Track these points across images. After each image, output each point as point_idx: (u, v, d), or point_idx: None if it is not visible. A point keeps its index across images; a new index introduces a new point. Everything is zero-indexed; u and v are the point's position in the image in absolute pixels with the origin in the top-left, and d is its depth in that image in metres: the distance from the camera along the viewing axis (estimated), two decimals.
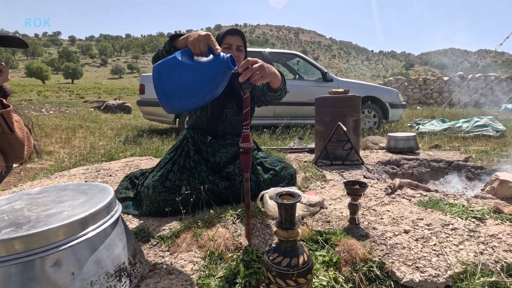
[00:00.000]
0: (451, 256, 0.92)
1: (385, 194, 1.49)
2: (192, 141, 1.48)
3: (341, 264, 0.94)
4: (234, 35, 1.45)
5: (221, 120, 1.50)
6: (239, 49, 1.46)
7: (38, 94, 20.41)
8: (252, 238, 1.09)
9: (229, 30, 1.46)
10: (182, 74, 0.89)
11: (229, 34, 1.44)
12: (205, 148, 1.47)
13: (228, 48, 1.44)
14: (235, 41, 1.44)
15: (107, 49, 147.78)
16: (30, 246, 0.66)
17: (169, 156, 1.46)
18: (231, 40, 1.43)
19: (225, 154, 1.47)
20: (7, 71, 1.00)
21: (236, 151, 1.49)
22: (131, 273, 0.84)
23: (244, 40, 1.48)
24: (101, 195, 0.87)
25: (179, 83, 0.90)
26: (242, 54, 1.47)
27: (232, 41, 1.44)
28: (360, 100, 2.32)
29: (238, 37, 1.45)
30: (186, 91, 0.90)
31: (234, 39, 1.44)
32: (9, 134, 0.98)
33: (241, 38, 1.46)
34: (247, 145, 0.98)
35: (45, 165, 2.73)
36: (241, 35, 1.46)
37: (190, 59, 0.92)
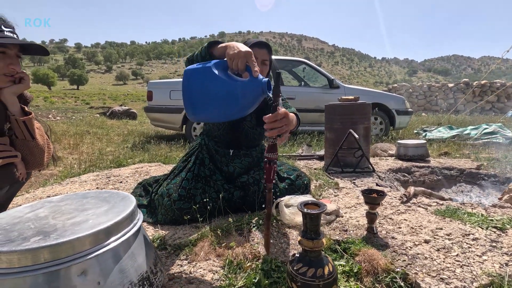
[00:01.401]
0: (475, 267, 0.90)
1: (400, 203, 1.47)
2: (206, 149, 1.47)
3: (362, 274, 0.92)
4: (262, 48, 1.39)
5: (239, 131, 1.46)
6: (264, 63, 1.41)
7: (44, 100, 20.66)
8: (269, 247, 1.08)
9: (257, 42, 1.40)
10: (214, 87, 0.85)
11: (256, 47, 1.38)
12: (219, 158, 1.46)
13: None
14: (262, 55, 1.39)
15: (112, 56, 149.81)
16: (57, 255, 0.66)
17: (183, 164, 1.46)
18: (257, 54, 1.37)
19: (239, 165, 1.46)
20: (28, 79, 1.02)
21: (250, 162, 1.48)
22: (153, 282, 0.84)
23: (271, 53, 1.44)
24: (123, 203, 0.87)
25: (209, 95, 0.86)
26: (267, 67, 1.43)
27: (259, 55, 1.38)
28: (370, 107, 2.32)
29: (265, 50, 1.40)
30: (214, 105, 0.86)
31: (261, 53, 1.39)
32: (30, 141, 0.99)
33: (267, 52, 1.41)
34: (273, 155, 0.94)
35: (54, 171, 2.75)
36: (268, 48, 1.41)
37: (225, 73, 0.87)
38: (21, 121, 0.97)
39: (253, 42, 1.39)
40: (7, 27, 0.92)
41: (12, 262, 0.62)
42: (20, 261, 0.62)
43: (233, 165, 1.45)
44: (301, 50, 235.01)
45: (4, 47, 0.92)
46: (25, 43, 0.96)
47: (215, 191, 1.35)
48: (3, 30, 0.91)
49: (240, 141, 1.47)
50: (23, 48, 0.98)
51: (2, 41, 0.89)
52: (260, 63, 1.39)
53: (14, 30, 0.95)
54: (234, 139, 1.46)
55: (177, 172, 1.44)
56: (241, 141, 1.47)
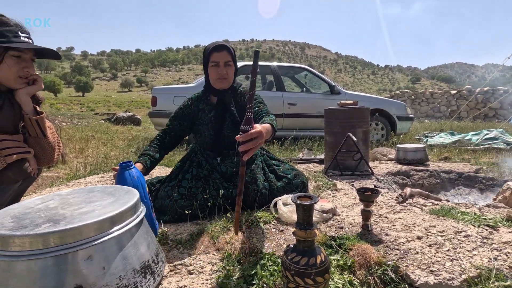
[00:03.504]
0: (465, 261, 0.93)
1: (396, 203, 1.51)
2: (200, 153, 1.56)
3: (355, 267, 0.96)
4: (221, 51, 1.39)
5: (221, 136, 1.51)
6: (228, 64, 1.41)
7: (50, 107, 20.99)
8: (266, 243, 1.12)
9: (215, 46, 1.39)
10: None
11: (215, 51, 1.39)
12: (211, 160, 1.53)
13: (216, 65, 1.40)
14: (223, 58, 1.39)
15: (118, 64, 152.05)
16: (65, 240, 0.70)
17: (179, 169, 1.54)
18: (218, 57, 1.39)
19: (230, 164, 1.52)
20: (41, 81, 1.09)
21: (239, 161, 1.53)
22: (155, 271, 0.88)
23: (232, 54, 1.42)
24: (127, 196, 0.92)
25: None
26: (231, 68, 1.44)
27: (219, 58, 1.39)
28: (369, 111, 2.37)
29: (224, 52, 1.39)
30: None
31: (221, 56, 1.39)
32: (42, 138, 1.05)
33: (228, 53, 1.40)
34: (248, 127, 0.97)
35: (60, 174, 2.81)
36: (227, 50, 1.40)
37: None
38: (34, 120, 1.04)
39: (211, 47, 1.39)
40: (23, 33, 1.00)
41: (24, 245, 0.67)
42: (32, 245, 0.67)
43: (225, 165, 1.52)
44: (304, 58, 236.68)
45: (20, 51, 0.99)
46: (39, 47, 1.04)
47: (215, 189, 1.40)
48: (19, 36, 0.98)
49: (224, 145, 1.53)
50: (37, 52, 1.06)
51: (19, 45, 0.96)
52: (223, 66, 1.40)
53: (29, 36, 1.02)
54: (218, 144, 1.52)
55: (174, 176, 1.51)
56: (225, 145, 1.53)
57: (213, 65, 1.41)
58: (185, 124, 1.56)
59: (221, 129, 1.50)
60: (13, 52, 1.00)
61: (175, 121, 1.56)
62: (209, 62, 1.41)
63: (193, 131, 1.60)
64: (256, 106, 1.46)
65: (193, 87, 4.47)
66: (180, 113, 1.56)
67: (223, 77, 1.43)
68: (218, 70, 1.41)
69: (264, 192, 1.45)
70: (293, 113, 4.55)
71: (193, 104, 1.56)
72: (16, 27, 1.01)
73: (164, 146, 1.53)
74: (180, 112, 1.57)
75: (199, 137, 1.56)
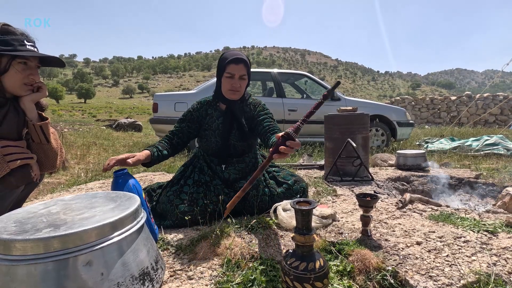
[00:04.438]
0: (464, 267, 0.93)
1: (396, 208, 1.51)
2: (203, 159, 1.56)
3: (355, 273, 0.96)
4: (238, 64, 1.38)
5: (228, 147, 1.51)
6: (242, 78, 1.41)
7: (52, 113, 21.11)
8: (266, 248, 1.13)
9: (233, 59, 1.38)
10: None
11: (233, 63, 1.38)
12: (213, 166, 1.54)
13: (231, 77, 1.40)
14: (239, 71, 1.39)
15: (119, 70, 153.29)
16: (66, 245, 0.71)
17: (181, 174, 1.55)
18: (234, 70, 1.39)
19: (233, 171, 1.52)
20: (45, 88, 1.11)
21: (244, 167, 1.55)
22: (154, 277, 0.88)
23: (248, 68, 1.43)
24: (128, 202, 0.93)
25: None
26: (245, 82, 1.44)
27: (236, 71, 1.39)
28: (368, 117, 2.38)
29: (242, 65, 1.39)
30: None
31: (238, 69, 1.39)
32: (45, 144, 1.07)
33: (245, 66, 1.40)
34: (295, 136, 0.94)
35: (61, 180, 2.83)
36: (245, 63, 1.40)
37: None
38: (38, 126, 1.05)
39: (230, 58, 1.38)
40: (29, 42, 1.03)
41: (25, 250, 0.68)
42: (33, 249, 0.68)
43: (228, 172, 1.52)
44: (305, 64, 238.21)
45: (26, 59, 1.02)
46: (44, 55, 1.06)
47: (216, 195, 1.40)
48: (25, 44, 1.01)
49: (229, 153, 1.53)
50: (42, 60, 1.08)
51: (25, 54, 0.99)
52: (238, 79, 1.41)
53: (35, 44, 1.05)
54: (223, 152, 1.52)
55: (176, 181, 1.51)
56: (230, 153, 1.53)
57: (228, 76, 1.40)
58: (193, 126, 1.55)
59: (228, 138, 1.49)
60: (19, 60, 1.02)
61: (183, 123, 1.55)
62: (225, 72, 1.40)
63: (199, 135, 1.60)
64: (267, 120, 1.44)
65: (194, 93, 4.51)
66: (189, 116, 1.55)
67: (236, 90, 1.43)
68: (232, 82, 1.41)
69: (264, 198, 1.46)
70: (293, 119, 4.57)
71: (202, 108, 1.56)
72: (22, 36, 1.04)
73: (172, 146, 1.52)
74: (189, 114, 1.56)
75: (205, 142, 1.56)
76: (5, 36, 1.00)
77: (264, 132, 1.39)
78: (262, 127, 1.41)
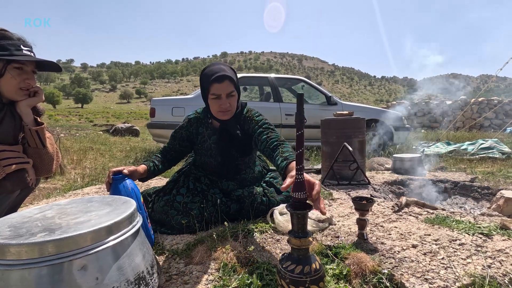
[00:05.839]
0: (459, 269, 0.94)
1: (392, 212, 1.52)
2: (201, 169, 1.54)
3: (351, 276, 0.96)
4: (222, 82, 1.24)
5: (227, 164, 1.49)
6: (231, 94, 1.29)
7: (49, 118, 21.02)
8: (263, 252, 1.13)
9: (215, 78, 1.23)
10: None
11: (216, 82, 1.24)
12: (210, 176, 1.52)
13: (217, 98, 1.28)
14: (224, 89, 1.26)
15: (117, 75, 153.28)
16: (61, 250, 0.71)
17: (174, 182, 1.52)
18: (219, 89, 1.26)
19: (232, 183, 1.51)
20: (42, 93, 1.11)
21: (243, 180, 1.54)
22: (149, 282, 0.88)
23: (235, 81, 1.29)
24: (124, 206, 0.93)
25: None
26: (234, 98, 1.32)
27: (221, 90, 1.26)
28: (364, 121, 2.40)
29: (227, 82, 1.25)
30: None
31: (222, 87, 1.25)
32: (41, 149, 1.07)
33: (230, 82, 1.26)
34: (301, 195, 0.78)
35: (57, 185, 2.81)
36: (230, 79, 1.26)
37: None
38: (34, 130, 1.05)
39: (212, 77, 1.24)
40: (25, 46, 1.03)
41: (20, 254, 0.67)
42: (27, 254, 0.68)
43: (227, 183, 1.51)
44: (302, 69, 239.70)
45: (22, 63, 1.02)
46: (40, 60, 1.07)
47: (213, 204, 1.38)
48: (21, 49, 1.02)
49: (229, 172, 1.51)
50: (38, 65, 1.09)
51: (20, 58, 1.00)
52: (225, 98, 1.28)
53: (31, 49, 1.06)
54: (223, 171, 1.51)
55: (168, 191, 1.47)
56: (230, 171, 1.51)
57: (214, 98, 1.28)
58: (185, 144, 1.52)
59: (228, 157, 1.46)
60: (15, 65, 1.03)
61: (174, 141, 1.52)
62: (209, 94, 1.28)
63: (194, 151, 1.57)
64: (264, 133, 1.31)
65: (192, 98, 4.52)
66: (179, 135, 1.51)
67: (226, 110, 1.31)
68: (220, 103, 1.29)
69: (262, 208, 1.45)
70: (290, 123, 4.59)
71: (191, 126, 1.49)
72: (18, 41, 1.04)
73: (167, 160, 1.50)
74: (178, 134, 1.51)
75: (199, 160, 1.53)
76: (1, 41, 1.00)
77: (264, 148, 1.27)
78: (261, 143, 1.30)
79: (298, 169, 0.80)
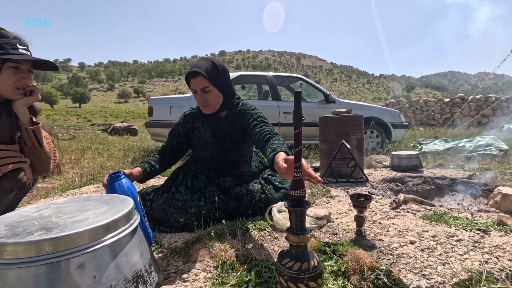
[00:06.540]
0: (456, 265, 0.94)
1: (390, 209, 1.52)
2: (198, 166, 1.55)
3: (349, 273, 0.96)
4: (195, 77, 1.30)
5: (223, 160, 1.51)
6: (205, 90, 1.32)
7: (46, 118, 20.92)
8: (261, 250, 1.13)
9: (188, 73, 1.31)
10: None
11: (191, 77, 1.32)
12: (207, 173, 1.52)
13: (195, 93, 1.35)
14: (198, 85, 1.31)
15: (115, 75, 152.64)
16: (58, 248, 0.71)
17: (172, 180, 1.52)
18: (194, 85, 1.32)
19: (229, 178, 1.52)
20: (38, 92, 1.10)
21: (240, 176, 1.54)
22: (147, 280, 0.88)
23: (209, 76, 1.30)
24: (122, 205, 0.93)
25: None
26: (212, 93, 1.34)
27: (195, 86, 1.32)
28: (362, 119, 2.40)
29: (200, 78, 1.29)
30: None
31: (196, 83, 1.31)
32: (38, 148, 1.06)
33: (203, 78, 1.29)
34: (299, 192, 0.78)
35: (55, 185, 2.80)
36: (202, 75, 1.29)
37: None
38: (30, 130, 1.05)
39: (187, 73, 1.32)
40: (22, 45, 1.03)
41: (17, 253, 0.67)
42: (24, 252, 0.67)
43: (224, 179, 1.51)
44: (300, 68, 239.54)
45: (18, 62, 1.01)
46: (36, 59, 1.06)
47: (211, 202, 1.38)
48: (17, 48, 1.01)
49: (226, 165, 1.53)
50: (35, 64, 1.08)
51: (16, 57, 0.99)
52: (201, 93, 1.33)
53: (28, 48, 1.05)
54: (219, 165, 1.52)
55: (167, 189, 1.47)
56: (227, 165, 1.53)
57: (194, 92, 1.36)
58: (182, 141, 1.54)
59: (223, 151, 1.47)
60: (10, 64, 1.02)
61: (172, 139, 1.54)
62: (191, 89, 1.36)
63: (191, 147, 1.58)
64: (258, 126, 1.36)
65: (189, 97, 4.51)
66: (176, 132, 1.54)
67: (204, 104, 1.38)
68: (197, 97, 1.36)
69: (261, 205, 1.45)
70: (288, 122, 4.59)
71: (188, 122, 1.53)
72: (15, 39, 1.04)
73: (165, 160, 1.51)
74: (175, 131, 1.54)
75: (197, 155, 1.54)
76: None
77: (258, 141, 1.31)
78: (255, 135, 1.34)
79: (296, 167, 0.80)
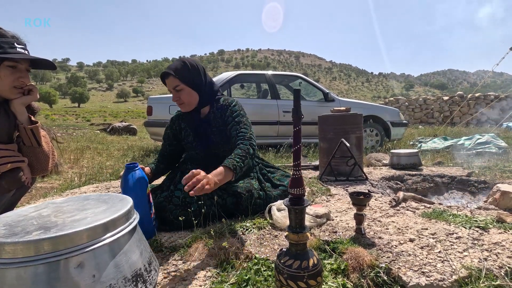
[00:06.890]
0: (455, 262, 0.94)
1: (389, 207, 1.52)
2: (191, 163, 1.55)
3: (349, 271, 0.96)
4: (167, 78, 1.37)
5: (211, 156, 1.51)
6: (177, 89, 1.37)
7: (45, 118, 20.87)
8: (261, 248, 1.12)
9: (161, 75, 1.39)
10: None
11: (164, 78, 1.39)
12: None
13: (171, 92, 1.41)
14: (170, 84, 1.37)
15: (114, 74, 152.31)
16: (57, 248, 0.70)
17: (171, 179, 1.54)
18: (168, 85, 1.39)
19: None
20: (37, 91, 1.10)
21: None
22: (147, 279, 0.88)
23: (180, 76, 1.35)
24: (121, 204, 0.92)
25: None
26: (184, 92, 1.38)
27: (168, 85, 1.39)
28: (361, 117, 2.40)
29: (171, 78, 1.35)
30: None
31: (168, 83, 1.38)
32: (36, 147, 1.06)
33: (174, 78, 1.34)
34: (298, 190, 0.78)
35: (54, 185, 2.79)
36: (172, 75, 1.34)
37: None
38: (28, 129, 1.04)
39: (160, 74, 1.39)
40: (19, 44, 1.02)
41: (15, 252, 0.67)
42: (23, 252, 0.67)
43: None
44: (299, 66, 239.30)
45: (15, 61, 1.01)
46: (34, 58, 1.05)
47: (209, 198, 1.39)
48: (15, 47, 1.00)
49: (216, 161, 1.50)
50: (33, 63, 1.07)
51: (14, 56, 0.98)
52: (174, 92, 1.39)
53: (25, 47, 1.04)
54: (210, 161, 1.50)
55: (166, 187, 1.49)
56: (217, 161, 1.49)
57: (170, 92, 1.42)
58: (174, 143, 1.59)
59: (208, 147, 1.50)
60: (8, 63, 1.01)
61: (165, 143, 1.60)
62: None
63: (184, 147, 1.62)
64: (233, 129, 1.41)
65: None
66: (166, 136, 1.59)
67: (179, 102, 1.42)
68: (172, 96, 1.41)
69: (259, 202, 1.45)
70: (288, 120, 4.59)
71: (174, 124, 1.58)
72: (12, 38, 1.03)
73: (166, 161, 1.57)
74: (166, 135, 1.60)
75: (188, 155, 1.58)
76: None
77: (233, 143, 1.38)
78: (232, 137, 1.41)
79: (295, 165, 0.80)
